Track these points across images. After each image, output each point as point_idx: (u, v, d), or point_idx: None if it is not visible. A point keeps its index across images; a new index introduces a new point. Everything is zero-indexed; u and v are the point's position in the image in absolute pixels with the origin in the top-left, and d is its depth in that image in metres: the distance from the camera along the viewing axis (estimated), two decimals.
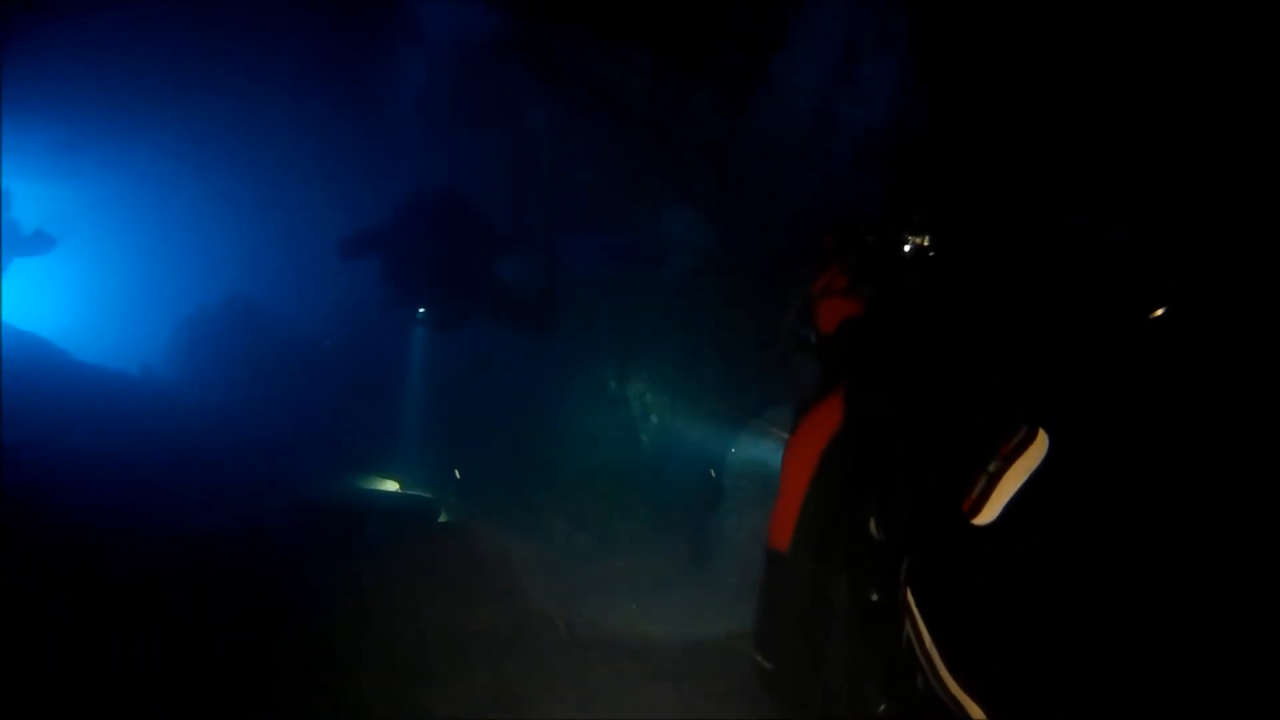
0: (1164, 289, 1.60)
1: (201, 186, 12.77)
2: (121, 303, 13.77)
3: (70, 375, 8.87)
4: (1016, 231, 1.77)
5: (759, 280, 7.46)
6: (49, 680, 3.42)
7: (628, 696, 3.99)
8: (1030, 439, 1.44)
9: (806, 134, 6.93)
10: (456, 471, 8.46)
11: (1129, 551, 1.42)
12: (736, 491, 6.03)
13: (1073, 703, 1.38)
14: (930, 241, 1.96)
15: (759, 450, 6.09)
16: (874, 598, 1.76)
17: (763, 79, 6.96)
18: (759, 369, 6.61)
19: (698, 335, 8.06)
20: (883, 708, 1.76)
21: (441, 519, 6.12)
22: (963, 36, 5.11)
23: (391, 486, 7.98)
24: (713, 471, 6.58)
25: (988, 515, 1.44)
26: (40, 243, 11.81)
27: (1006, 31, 4.71)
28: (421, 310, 8.19)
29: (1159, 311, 1.56)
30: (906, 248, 1.97)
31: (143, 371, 10.66)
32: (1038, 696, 1.40)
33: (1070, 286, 1.63)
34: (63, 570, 4.26)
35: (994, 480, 1.44)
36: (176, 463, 7.34)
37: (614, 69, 7.90)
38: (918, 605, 1.55)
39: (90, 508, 5.62)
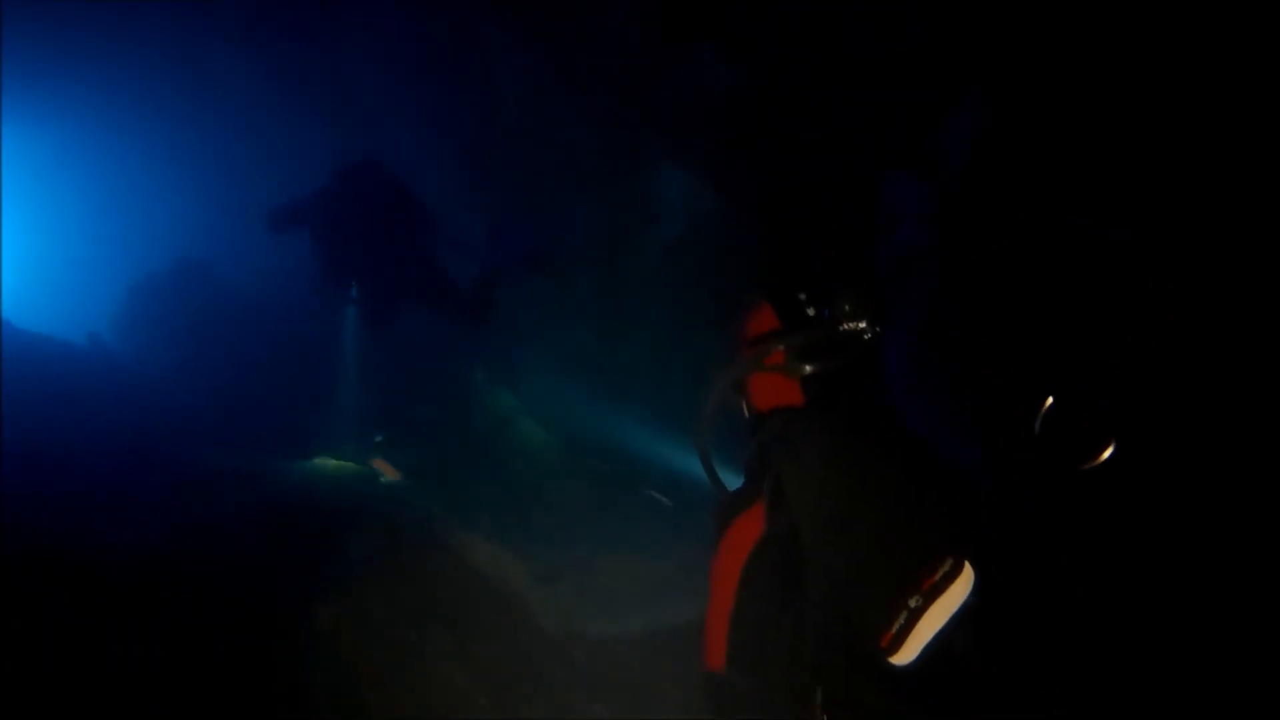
0: (1165, 289, 1.46)
1: (148, 141, 11.96)
2: (64, 267, 12.95)
3: (9, 346, 8.22)
4: (1017, 231, 1.61)
5: (760, 246, 7.07)
6: None
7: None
8: (955, 572, 1.31)
9: (815, 92, 6.48)
10: (378, 437, 8.02)
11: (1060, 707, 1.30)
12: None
13: None
14: (867, 325, 1.78)
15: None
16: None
17: (768, 30, 6.48)
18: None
19: (692, 306, 7.62)
20: None
21: (421, 521, 5.59)
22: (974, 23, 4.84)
23: (353, 471, 7.50)
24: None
25: (906, 656, 1.31)
26: None
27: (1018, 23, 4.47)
28: (353, 293, 7.72)
29: (1107, 453, 1.37)
30: (842, 327, 1.79)
31: (90, 342, 10.00)
32: None
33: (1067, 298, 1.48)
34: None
35: (914, 617, 1.30)
36: (130, 444, 6.81)
37: (600, 19, 7.33)
38: None
39: (33, 495, 5.15)
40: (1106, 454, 1.34)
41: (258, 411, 8.16)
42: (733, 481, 2.12)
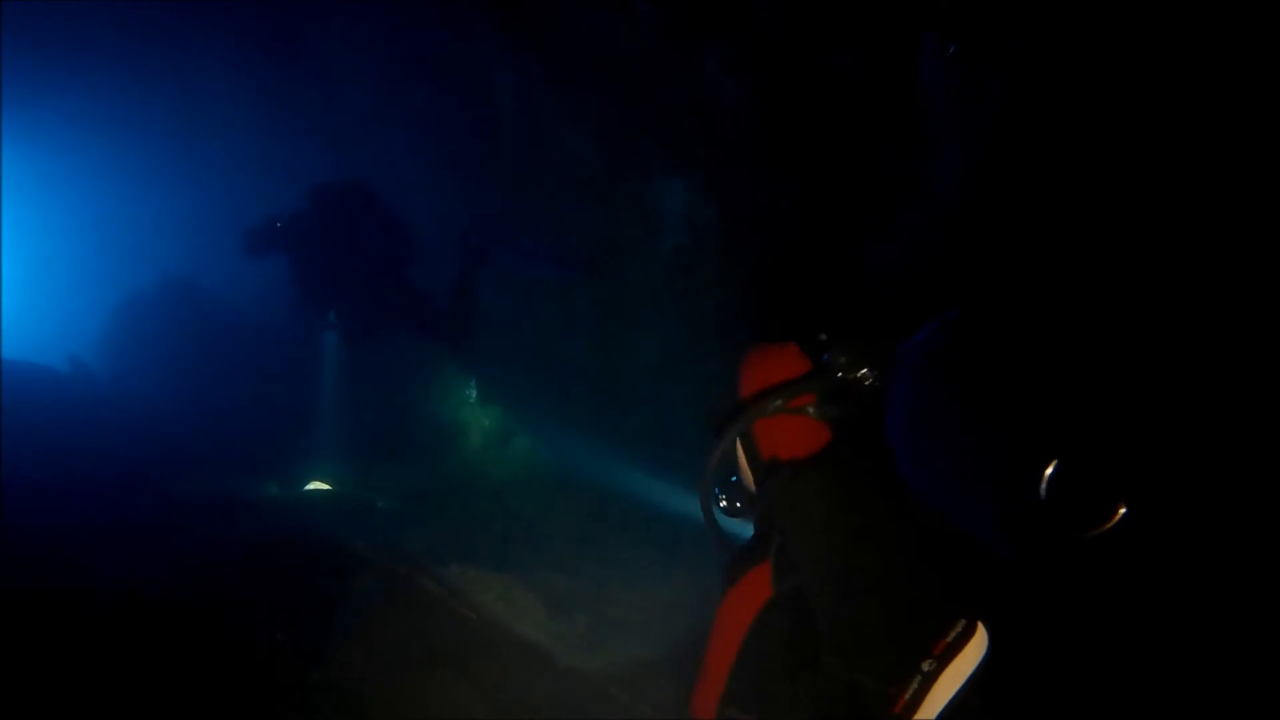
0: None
1: (131, 156, 11.72)
2: (43, 288, 12.67)
3: None
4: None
5: (766, 259, 6.92)
6: None
7: None
8: (968, 634, 1.29)
9: (816, 104, 6.34)
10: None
11: None
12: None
13: None
14: (867, 373, 1.75)
15: None
16: None
17: (771, 41, 6.34)
18: None
19: (697, 321, 7.44)
20: None
21: (420, 552, 5.32)
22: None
23: (347, 497, 7.22)
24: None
25: None
26: None
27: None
28: (331, 316, 7.55)
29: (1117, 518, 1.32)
30: (840, 375, 1.75)
31: (71, 366, 9.73)
32: None
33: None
34: None
35: (928, 682, 1.28)
36: (115, 473, 6.55)
37: (604, 21, 7.18)
38: None
39: (14, 525, 4.94)
40: (1116, 519, 1.28)
41: (246, 436, 7.92)
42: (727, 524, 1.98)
